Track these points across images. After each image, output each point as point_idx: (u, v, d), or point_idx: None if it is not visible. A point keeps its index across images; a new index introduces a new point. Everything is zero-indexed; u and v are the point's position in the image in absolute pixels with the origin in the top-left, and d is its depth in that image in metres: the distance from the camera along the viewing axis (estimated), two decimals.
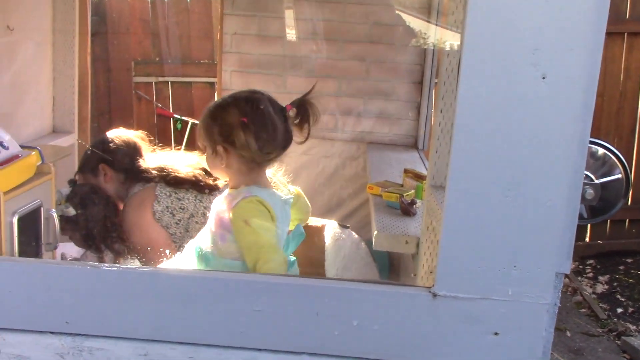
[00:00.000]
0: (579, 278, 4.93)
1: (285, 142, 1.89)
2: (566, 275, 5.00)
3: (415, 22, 4.08)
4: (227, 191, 1.92)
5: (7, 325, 1.27)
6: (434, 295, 1.21)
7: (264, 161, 1.87)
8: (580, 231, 5.46)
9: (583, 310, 4.39)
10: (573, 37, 1.10)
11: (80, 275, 1.26)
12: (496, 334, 1.21)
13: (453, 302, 1.21)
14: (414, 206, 2.56)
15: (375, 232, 2.34)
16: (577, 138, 1.13)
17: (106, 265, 1.26)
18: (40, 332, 1.27)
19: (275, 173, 1.98)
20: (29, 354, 1.25)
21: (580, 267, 5.14)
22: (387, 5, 4.07)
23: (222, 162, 1.85)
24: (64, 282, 1.25)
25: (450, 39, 2.24)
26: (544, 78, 1.12)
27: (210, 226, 1.90)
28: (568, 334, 4.04)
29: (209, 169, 1.99)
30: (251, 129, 1.82)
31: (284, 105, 1.89)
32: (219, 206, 1.89)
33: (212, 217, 1.91)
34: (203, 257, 1.87)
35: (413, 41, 4.06)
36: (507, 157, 1.15)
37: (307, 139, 1.92)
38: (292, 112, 1.88)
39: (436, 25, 3.76)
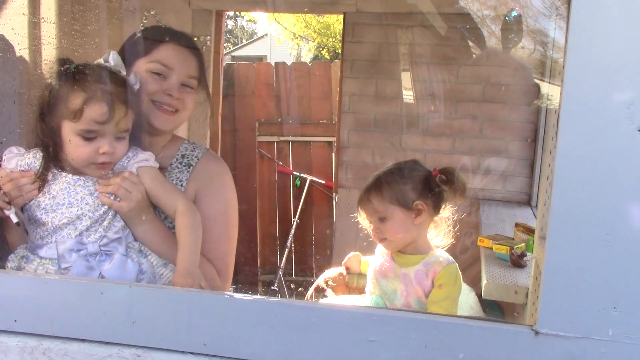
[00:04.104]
0: None
1: None
2: None
3: (529, 82, 4.13)
4: (422, 259, 2.05)
5: (155, 345, 1.44)
6: (536, 332, 1.28)
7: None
8: None
9: None
10: None
11: (218, 303, 1.42)
12: None
13: (554, 340, 1.27)
14: (524, 258, 2.59)
15: (485, 282, 2.40)
16: None
17: (239, 294, 1.43)
18: (182, 352, 1.43)
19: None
20: None
21: None
22: (500, 66, 4.16)
23: (417, 220, 2.02)
24: (204, 308, 1.42)
25: (558, 97, 2.31)
26: (639, 130, 1.20)
27: (407, 290, 2.04)
28: None
29: (389, 235, 2.06)
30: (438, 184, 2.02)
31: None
32: (419, 274, 2.03)
33: (409, 282, 2.04)
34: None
35: (527, 101, 4.11)
36: (605, 205, 1.22)
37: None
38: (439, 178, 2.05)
39: (549, 84, 3.81)
